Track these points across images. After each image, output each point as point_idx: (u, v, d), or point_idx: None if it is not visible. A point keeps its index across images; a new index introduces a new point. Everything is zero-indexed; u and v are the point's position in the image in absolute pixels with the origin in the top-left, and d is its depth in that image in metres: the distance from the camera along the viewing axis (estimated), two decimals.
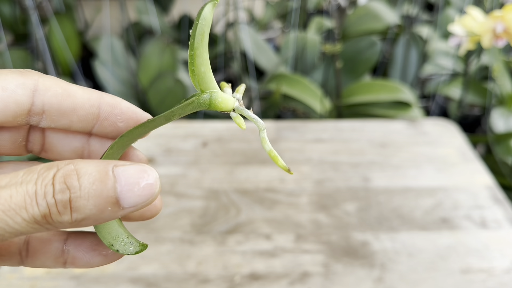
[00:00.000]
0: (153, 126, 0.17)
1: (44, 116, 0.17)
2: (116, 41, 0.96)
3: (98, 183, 0.13)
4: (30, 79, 0.16)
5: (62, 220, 0.13)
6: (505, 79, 0.83)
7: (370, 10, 1.07)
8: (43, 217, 0.13)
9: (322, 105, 0.76)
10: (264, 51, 0.95)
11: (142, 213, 0.17)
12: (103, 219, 0.14)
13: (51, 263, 0.17)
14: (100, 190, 0.13)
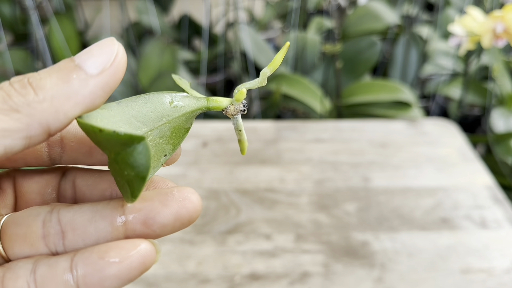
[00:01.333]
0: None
1: (62, 146, 0.16)
2: None
3: (55, 65, 0.13)
4: None
5: (28, 100, 0.12)
6: (505, 79, 0.83)
7: (370, 10, 1.07)
8: (3, 101, 0.12)
9: (322, 105, 0.76)
10: (264, 51, 0.95)
11: (178, 213, 0.14)
12: (79, 93, 0.13)
13: None
14: (59, 66, 0.13)
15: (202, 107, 0.17)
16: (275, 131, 0.59)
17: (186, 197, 0.14)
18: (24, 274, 0.14)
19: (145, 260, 0.13)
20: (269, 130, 0.59)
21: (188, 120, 0.17)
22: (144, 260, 0.13)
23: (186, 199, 0.14)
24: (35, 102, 0.12)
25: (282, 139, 0.57)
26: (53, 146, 0.15)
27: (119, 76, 0.13)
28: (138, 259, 0.13)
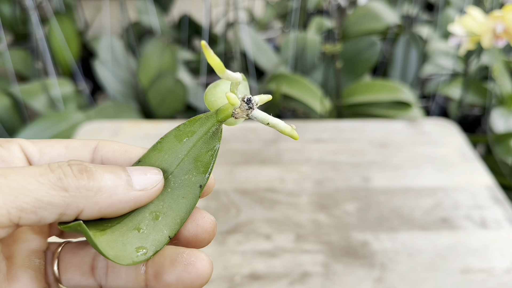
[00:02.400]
0: None
1: None
2: (116, 41, 0.96)
3: (109, 167, 0.15)
4: (92, 141, 0.18)
5: (79, 184, 0.14)
6: (505, 79, 0.83)
7: (370, 10, 1.07)
8: (59, 179, 0.14)
9: (322, 105, 0.76)
10: (264, 51, 0.95)
11: (180, 277, 0.16)
12: (117, 196, 0.15)
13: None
14: (112, 169, 0.15)
15: (214, 124, 0.17)
16: (275, 131, 0.59)
17: (191, 262, 0.16)
18: None
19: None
20: (269, 130, 0.59)
21: (208, 142, 0.17)
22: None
23: (191, 264, 0.16)
24: (84, 188, 0.14)
25: (282, 139, 0.57)
26: None
27: (150, 199, 0.16)
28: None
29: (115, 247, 0.15)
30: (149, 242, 0.16)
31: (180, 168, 0.17)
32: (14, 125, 0.80)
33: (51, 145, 0.17)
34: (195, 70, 1.03)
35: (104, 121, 0.61)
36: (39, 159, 0.17)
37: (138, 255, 0.15)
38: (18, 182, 0.13)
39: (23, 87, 0.81)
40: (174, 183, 0.17)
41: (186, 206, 0.16)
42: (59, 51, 0.97)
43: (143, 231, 0.16)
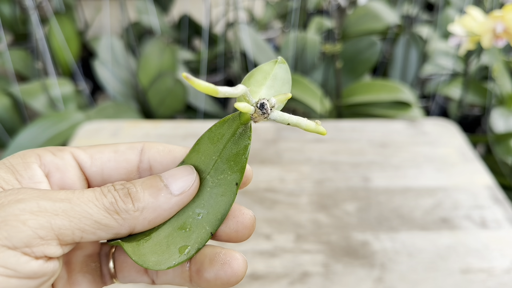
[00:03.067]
0: None
1: (151, 172, 0.19)
2: (116, 41, 0.96)
3: (148, 181, 0.17)
4: (138, 143, 0.19)
5: (127, 207, 0.16)
6: (505, 79, 0.83)
7: (370, 10, 1.07)
8: (111, 204, 0.16)
9: (322, 105, 0.76)
10: (264, 51, 0.95)
11: (217, 275, 0.17)
12: (161, 207, 0.17)
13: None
14: (150, 184, 0.17)
15: (239, 126, 0.18)
16: (275, 131, 0.59)
17: (227, 262, 0.17)
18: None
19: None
20: (269, 130, 0.59)
21: (237, 143, 0.18)
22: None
23: (227, 263, 0.17)
24: (131, 211, 0.16)
25: (282, 139, 0.57)
26: (143, 171, 0.19)
27: (190, 199, 0.17)
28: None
29: (159, 250, 0.17)
30: (192, 240, 0.17)
31: (215, 169, 0.18)
32: (14, 125, 0.80)
33: (100, 151, 0.18)
34: (195, 70, 1.03)
35: (104, 121, 0.61)
36: (90, 165, 0.18)
37: (180, 256, 0.17)
38: (81, 207, 0.15)
39: (23, 87, 0.81)
40: (212, 183, 0.18)
41: (225, 203, 0.17)
42: (59, 51, 0.97)
43: (187, 230, 0.17)
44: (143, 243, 0.17)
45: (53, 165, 0.17)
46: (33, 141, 0.67)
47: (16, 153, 0.18)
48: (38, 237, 0.14)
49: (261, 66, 0.19)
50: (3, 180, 0.16)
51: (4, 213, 0.14)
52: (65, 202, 0.15)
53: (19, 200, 0.14)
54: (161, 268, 0.16)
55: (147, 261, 0.17)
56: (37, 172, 0.17)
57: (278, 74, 0.18)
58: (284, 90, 0.18)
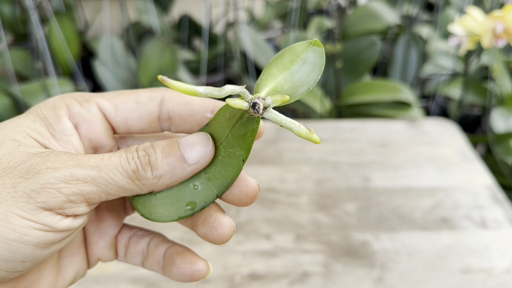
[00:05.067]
0: None
1: (170, 122, 0.20)
2: (116, 41, 0.96)
3: (167, 148, 0.18)
4: (158, 93, 0.20)
5: (147, 175, 0.18)
6: (505, 79, 0.83)
7: (370, 10, 1.07)
8: (133, 172, 0.17)
9: (322, 105, 0.76)
10: (264, 51, 0.95)
11: (206, 234, 0.19)
12: (177, 175, 0.18)
13: (156, 267, 0.21)
14: (169, 151, 0.18)
15: (244, 112, 0.18)
16: (275, 131, 0.59)
17: (214, 226, 0.19)
18: (143, 243, 0.21)
19: (195, 275, 0.20)
20: (269, 130, 0.59)
21: (245, 125, 0.18)
22: (194, 275, 0.20)
23: (214, 227, 0.19)
24: (150, 178, 0.18)
25: (282, 139, 0.57)
26: (163, 121, 0.20)
27: (204, 166, 0.19)
28: (191, 271, 0.20)
29: (169, 202, 0.19)
30: (200, 198, 0.19)
31: (227, 142, 0.19)
32: None
33: (124, 101, 0.20)
34: (195, 70, 1.03)
35: None
36: (115, 116, 0.20)
37: (186, 211, 0.19)
38: (108, 175, 0.17)
39: (23, 87, 0.81)
40: (224, 153, 0.19)
41: (231, 174, 0.19)
42: (59, 51, 0.97)
43: (197, 188, 0.19)
44: (156, 195, 0.19)
45: (81, 117, 0.19)
46: None
47: (47, 101, 0.19)
48: (70, 201, 0.16)
49: (294, 46, 0.18)
50: (39, 134, 0.18)
51: (42, 181, 0.16)
52: (95, 169, 0.17)
53: (54, 168, 0.16)
54: (164, 220, 0.19)
55: (153, 213, 0.19)
56: (67, 125, 0.19)
57: (309, 58, 0.18)
58: (311, 77, 0.18)
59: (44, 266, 0.19)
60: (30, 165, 0.16)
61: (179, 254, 0.20)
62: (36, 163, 0.16)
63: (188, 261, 0.20)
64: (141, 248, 0.21)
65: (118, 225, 0.22)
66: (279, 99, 0.17)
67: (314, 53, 0.18)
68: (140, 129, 0.20)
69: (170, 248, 0.21)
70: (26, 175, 0.16)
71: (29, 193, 0.16)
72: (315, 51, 0.18)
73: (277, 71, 0.18)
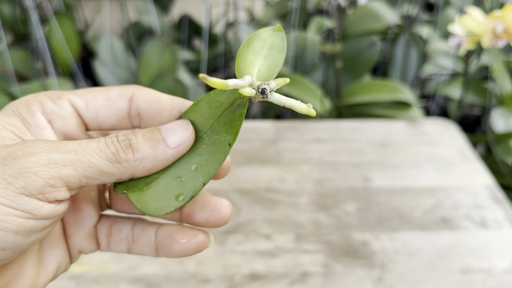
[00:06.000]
0: None
1: (140, 119, 0.21)
2: (116, 41, 0.96)
3: (148, 133, 0.18)
4: (128, 90, 0.20)
5: (128, 157, 0.18)
6: (505, 79, 0.83)
7: (370, 10, 1.07)
8: (113, 154, 0.17)
9: (322, 105, 0.76)
10: None
11: (208, 219, 0.20)
12: (158, 158, 0.18)
13: (147, 250, 0.21)
14: (150, 136, 0.18)
15: (238, 99, 0.19)
16: (275, 131, 0.59)
17: (217, 209, 0.20)
18: (126, 229, 0.21)
19: (200, 246, 0.20)
20: (269, 130, 0.59)
21: (234, 112, 0.19)
22: (200, 246, 0.20)
23: (216, 210, 0.20)
24: (131, 160, 0.18)
25: (282, 139, 0.57)
26: (133, 118, 0.21)
27: (185, 151, 0.19)
28: (196, 243, 0.20)
29: (158, 197, 0.19)
30: (187, 189, 0.19)
31: (212, 130, 0.19)
32: None
33: (95, 98, 0.20)
34: (195, 70, 1.03)
35: None
36: (86, 112, 0.20)
37: (176, 202, 0.19)
38: (86, 157, 0.17)
39: (23, 87, 0.81)
40: (208, 141, 0.19)
41: (218, 160, 0.19)
42: (59, 51, 0.97)
43: (183, 180, 0.19)
44: (144, 191, 0.19)
45: (54, 113, 0.19)
46: None
47: (21, 100, 0.19)
48: (49, 185, 0.16)
49: (259, 33, 0.20)
50: (15, 128, 0.18)
51: (20, 166, 0.16)
52: (72, 153, 0.17)
53: (32, 153, 0.16)
54: (160, 214, 0.19)
55: (148, 208, 0.19)
56: (41, 120, 0.19)
57: (275, 43, 0.19)
58: (279, 59, 0.19)
59: (25, 258, 0.19)
60: (8, 152, 0.16)
61: (178, 232, 0.20)
62: (14, 150, 0.16)
63: (190, 235, 0.20)
64: (125, 235, 0.21)
65: (96, 215, 0.22)
66: (282, 82, 0.18)
67: (278, 38, 0.20)
68: (111, 125, 0.21)
69: (163, 229, 0.21)
70: (3, 162, 0.16)
71: (7, 179, 0.16)
72: (279, 36, 0.20)
73: (253, 57, 0.19)
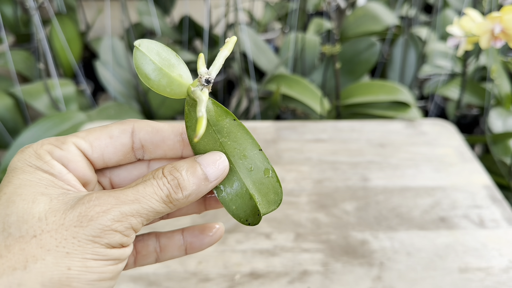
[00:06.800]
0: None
1: (144, 150, 0.22)
2: (117, 42, 0.96)
3: (190, 168, 0.20)
4: (128, 125, 0.21)
5: (178, 197, 0.20)
6: (503, 79, 0.83)
7: (369, 11, 1.08)
8: (167, 196, 0.19)
9: (321, 106, 0.77)
10: (264, 52, 0.95)
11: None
12: (201, 192, 0.20)
13: (176, 253, 0.24)
14: (193, 171, 0.20)
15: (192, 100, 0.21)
16: (275, 131, 0.59)
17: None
18: (152, 243, 0.24)
19: (222, 233, 0.24)
20: (269, 130, 0.59)
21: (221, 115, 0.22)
22: (221, 233, 0.24)
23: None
24: (181, 199, 0.20)
25: (282, 139, 0.57)
26: (137, 150, 0.22)
27: (221, 181, 0.21)
28: (220, 232, 0.24)
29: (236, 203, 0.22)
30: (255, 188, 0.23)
31: (236, 153, 0.22)
32: (16, 125, 0.81)
33: (97, 138, 0.21)
34: (195, 71, 1.03)
35: (106, 121, 0.61)
36: (92, 152, 0.21)
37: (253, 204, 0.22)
38: (148, 204, 0.19)
39: (25, 87, 0.82)
40: (242, 162, 0.22)
41: (262, 160, 0.23)
42: (61, 52, 0.97)
43: (248, 190, 0.22)
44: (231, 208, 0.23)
45: (65, 159, 0.20)
46: (35, 141, 0.68)
47: (24, 154, 0.20)
48: (125, 236, 0.19)
49: (145, 61, 0.21)
50: (51, 182, 0.19)
51: (100, 226, 0.18)
52: (136, 203, 0.19)
53: (105, 211, 0.18)
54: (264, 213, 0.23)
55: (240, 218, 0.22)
56: (60, 167, 0.20)
57: (158, 51, 0.21)
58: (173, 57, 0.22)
59: None
60: (79, 213, 0.18)
61: (204, 229, 0.24)
62: (84, 211, 0.18)
63: (213, 228, 0.24)
64: (153, 248, 0.24)
65: None
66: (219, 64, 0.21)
67: (153, 47, 0.21)
68: (117, 161, 0.22)
69: (189, 230, 0.24)
70: (80, 224, 0.18)
71: (92, 239, 0.18)
72: (143, 48, 0.21)
73: (175, 69, 0.23)
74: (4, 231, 0.17)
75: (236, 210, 0.22)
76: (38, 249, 0.17)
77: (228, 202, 0.22)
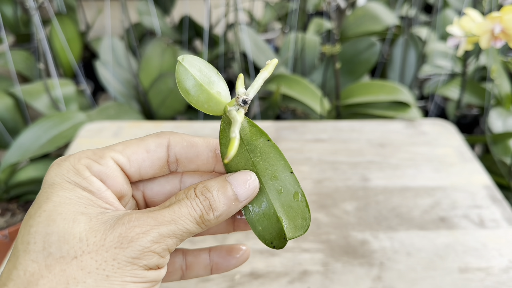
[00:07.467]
0: None
1: (178, 164, 0.22)
2: (117, 42, 0.96)
3: (222, 188, 0.20)
4: (164, 139, 0.22)
5: (209, 218, 0.20)
6: (503, 79, 0.83)
7: (369, 11, 1.08)
8: (200, 217, 0.20)
9: (321, 106, 0.77)
10: (264, 52, 0.95)
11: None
12: (231, 212, 0.21)
13: (202, 272, 0.24)
14: (224, 192, 0.20)
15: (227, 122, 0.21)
16: (275, 131, 0.59)
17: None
18: (178, 261, 0.24)
19: (248, 254, 0.25)
20: (269, 130, 0.59)
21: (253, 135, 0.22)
22: (248, 254, 0.25)
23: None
24: (212, 219, 0.20)
25: (282, 139, 0.57)
26: (171, 164, 0.22)
27: (251, 200, 0.22)
28: (247, 253, 0.24)
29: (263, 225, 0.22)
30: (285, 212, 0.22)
31: (266, 172, 0.22)
32: (16, 125, 0.81)
33: (135, 152, 0.21)
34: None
35: (106, 121, 0.61)
36: (130, 167, 0.21)
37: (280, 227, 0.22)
38: (183, 225, 0.19)
39: (25, 87, 0.82)
40: (273, 183, 0.22)
41: (293, 183, 0.22)
42: (61, 52, 0.97)
43: (276, 213, 0.22)
44: (258, 228, 0.23)
45: (103, 174, 0.20)
46: (35, 141, 0.68)
47: (62, 167, 0.20)
48: (161, 257, 0.19)
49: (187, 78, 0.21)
50: (90, 200, 0.19)
51: (140, 247, 0.18)
52: (172, 224, 0.19)
53: (144, 233, 0.18)
54: (294, 236, 0.22)
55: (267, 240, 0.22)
56: (99, 184, 0.20)
57: (200, 67, 0.21)
58: (213, 73, 0.21)
59: None
60: (119, 234, 0.18)
61: (232, 250, 0.24)
62: (125, 231, 0.18)
63: (240, 250, 0.24)
64: (179, 265, 0.24)
65: None
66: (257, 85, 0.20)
67: (194, 63, 0.21)
68: (152, 175, 0.22)
69: (216, 251, 0.24)
70: (120, 245, 0.18)
71: (132, 261, 0.18)
72: (187, 63, 0.21)
73: (215, 86, 0.22)
74: (44, 250, 0.17)
75: (262, 231, 0.22)
76: (79, 271, 0.17)
77: (255, 222, 0.22)
